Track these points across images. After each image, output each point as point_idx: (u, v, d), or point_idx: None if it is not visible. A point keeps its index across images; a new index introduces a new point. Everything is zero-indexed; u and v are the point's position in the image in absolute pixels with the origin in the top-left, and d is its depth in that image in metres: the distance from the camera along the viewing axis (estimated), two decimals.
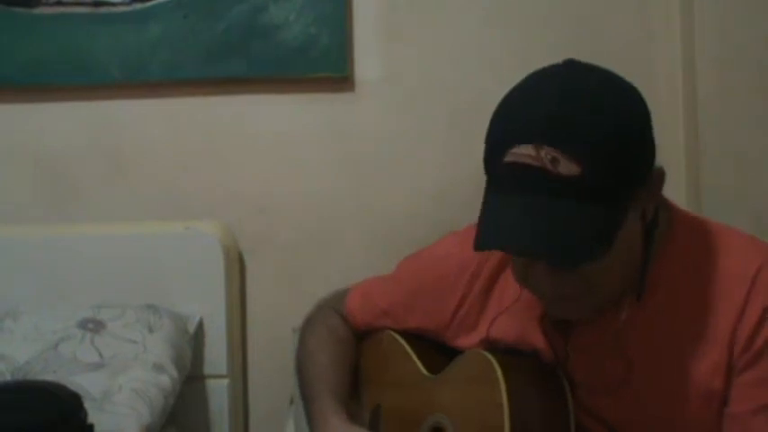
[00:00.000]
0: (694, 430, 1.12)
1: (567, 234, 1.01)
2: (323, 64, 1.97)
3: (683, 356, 1.11)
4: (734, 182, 1.80)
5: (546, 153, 1.00)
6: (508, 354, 1.21)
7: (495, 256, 1.26)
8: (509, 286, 1.24)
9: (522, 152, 1.01)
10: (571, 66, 1.10)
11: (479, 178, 1.11)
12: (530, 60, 1.16)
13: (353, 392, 1.40)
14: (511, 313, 1.24)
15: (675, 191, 1.74)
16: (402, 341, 1.36)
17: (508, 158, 1.03)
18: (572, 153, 1.00)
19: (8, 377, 1.69)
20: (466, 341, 1.29)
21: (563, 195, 1.00)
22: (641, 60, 1.96)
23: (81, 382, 1.65)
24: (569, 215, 1.00)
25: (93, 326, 1.82)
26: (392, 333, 1.38)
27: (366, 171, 2.02)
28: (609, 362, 1.15)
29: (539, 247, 1.02)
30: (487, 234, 1.05)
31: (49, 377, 1.65)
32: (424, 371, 1.32)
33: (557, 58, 1.14)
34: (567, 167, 1.00)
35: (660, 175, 1.11)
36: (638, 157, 1.05)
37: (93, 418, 1.36)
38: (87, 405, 1.37)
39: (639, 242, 1.12)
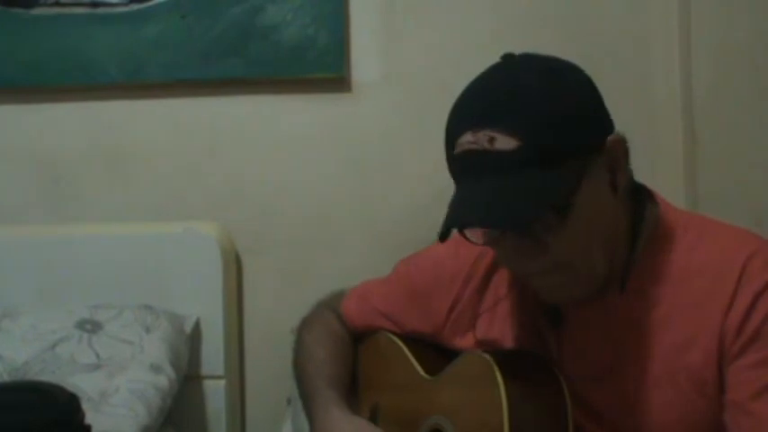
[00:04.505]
0: (687, 421, 1.12)
1: (514, 200, 1.04)
2: (320, 65, 1.97)
3: (675, 347, 1.11)
4: (732, 182, 1.80)
5: (483, 135, 1.05)
6: (505, 353, 1.21)
7: (487, 256, 1.27)
8: (502, 285, 1.25)
9: (464, 141, 1.07)
10: (504, 58, 1.14)
11: None
12: None
13: (352, 393, 1.40)
14: (504, 312, 1.24)
15: (674, 191, 1.75)
16: (399, 343, 1.36)
17: (455, 152, 1.09)
18: (507, 129, 1.04)
19: (6, 378, 1.70)
20: (462, 342, 1.29)
21: (506, 169, 1.04)
22: (639, 60, 1.96)
23: (78, 382, 1.65)
24: (514, 185, 1.04)
25: (90, 326, 1.82)
26: (389, 335, 1.38)
27: (364, 172, 2.02)
28: (600, 354, 1.16)
29: (487, 218, 1.06)
30: (446, 221, 1.09)
31: (47, 378, 1.65)
32: (422, 372, 1.32)
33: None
34: (505, 142, 1.03)
35: (618, 142, 1.11)
36: (579, 125, 1.07)
37: (90, 418, 1.36)
38: (85, 406, 1.37)
39: (617, 218, 1.13)
